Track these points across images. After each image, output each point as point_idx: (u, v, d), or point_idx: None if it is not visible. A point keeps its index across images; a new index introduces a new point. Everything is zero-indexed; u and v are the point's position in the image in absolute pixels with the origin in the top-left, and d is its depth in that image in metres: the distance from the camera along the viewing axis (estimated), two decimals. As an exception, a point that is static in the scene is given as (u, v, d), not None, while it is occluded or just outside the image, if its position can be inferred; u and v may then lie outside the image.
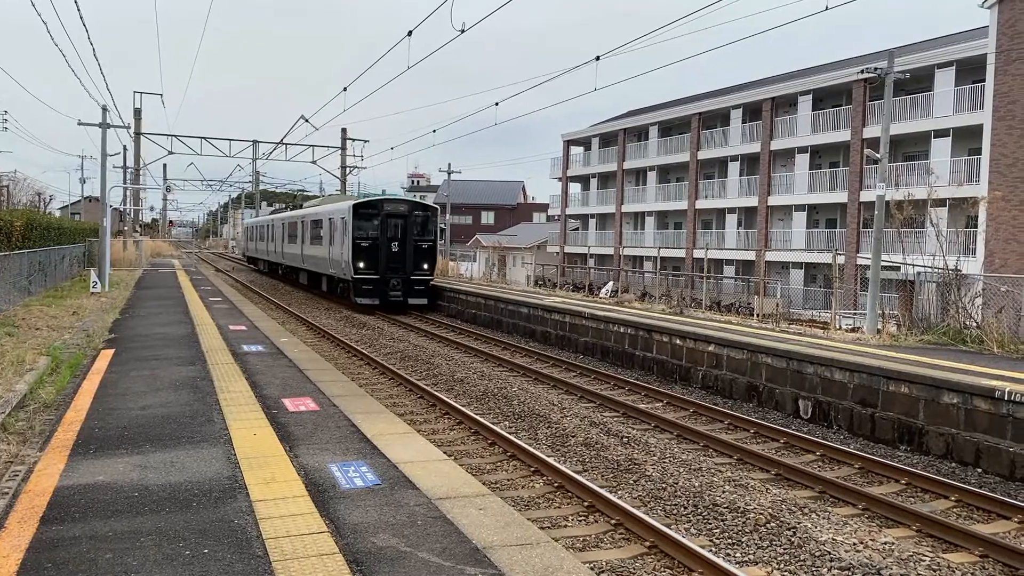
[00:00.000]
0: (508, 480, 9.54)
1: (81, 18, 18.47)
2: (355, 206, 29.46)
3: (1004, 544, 7.61)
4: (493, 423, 12.18)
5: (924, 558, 7.40)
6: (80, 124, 33.32)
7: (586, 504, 8.57)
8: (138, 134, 47.66)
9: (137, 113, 47.83)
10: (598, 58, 20.28)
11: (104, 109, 31.66)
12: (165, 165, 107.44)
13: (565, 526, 8.05)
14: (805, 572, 7.06)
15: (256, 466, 6.98)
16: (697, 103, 53.72)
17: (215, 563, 4.92)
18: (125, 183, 52.06)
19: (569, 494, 8.94)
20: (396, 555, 5.11)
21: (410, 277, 29.63)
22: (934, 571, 7.16)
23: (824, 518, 8.38)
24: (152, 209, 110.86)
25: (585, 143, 65.39)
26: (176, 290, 28.14)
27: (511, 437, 11.05)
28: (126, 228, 54.89)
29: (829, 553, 7.40)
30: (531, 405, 13.63)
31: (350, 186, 53.16)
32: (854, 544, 7.67)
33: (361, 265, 28.89)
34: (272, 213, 57.24)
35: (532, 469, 9.83)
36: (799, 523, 8.15)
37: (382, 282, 29.13)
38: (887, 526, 8.30)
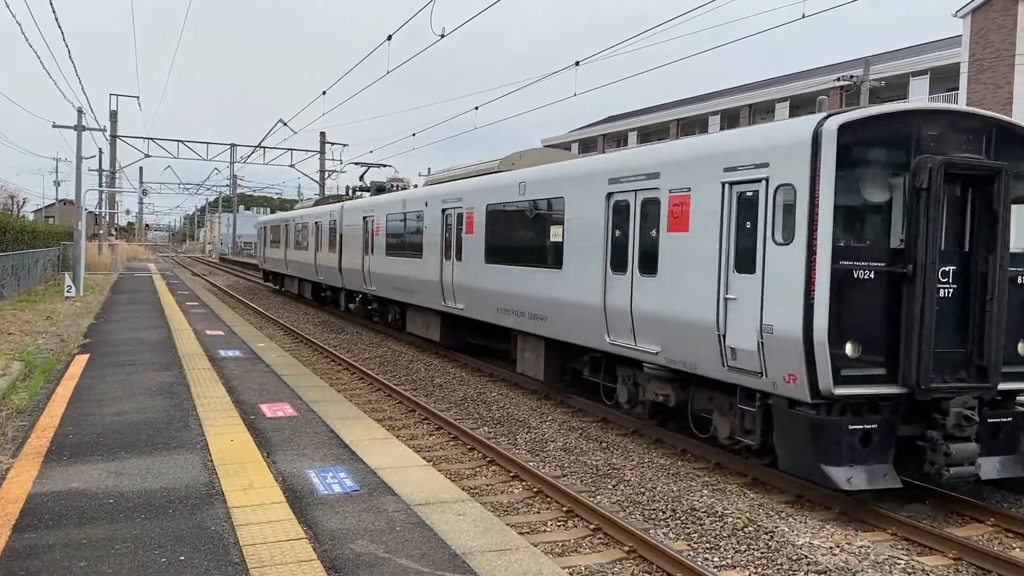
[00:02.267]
0: (487, 485, 9.53)
1: (56, 19, 18.30)
2: (842, 127, 8.49)
3: (977, 547, 7.70)
4: (472, 428, 12.17)
5: (899, 561, 7.48)
6: (55, 126, 33.02)
7: (565, 509, 8.58)
8: (114, 137, 47.24)
9: (113, 116, 47.43)
10: (577, 63, 20.37)
11: (80, 111, 31.37)
12: (141, 168, 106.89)
13: (544, 531, 8.05)
14: (782, 576, 7.11)
15: (233, 472, 6.93)
16: (675, 109, 54.11)
17: (192, 570, 4.88)
18: (101, 186, 51.55)
19: (548, 499, 8.95)
20: (374, 561, 5.10)
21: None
22: (909, 574, 7.23)
23: (801, 522, 8.44)
24: (128, 212, 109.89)
25: (565, 148, 65.63)
26: (152, 294, 27.88)
27: (490, 443, 11.05)
28: (101, 232, 54.33)
29: (806, 557, 7.46)
30: (510, 411, 13.62)
31: (328, 190, 52.82)
32: (830, 548, 7.73)
33: (849, 351, 8.50)
34: (317, 204, 32.69)
35: (511, 474, 9.83)
36: (776, 527, 8.21)
37: (920, 412, 8.80)
38: (863, 530, 8.37)
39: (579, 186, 12.89)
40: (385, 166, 33.07)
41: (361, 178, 31.90)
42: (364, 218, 23.67)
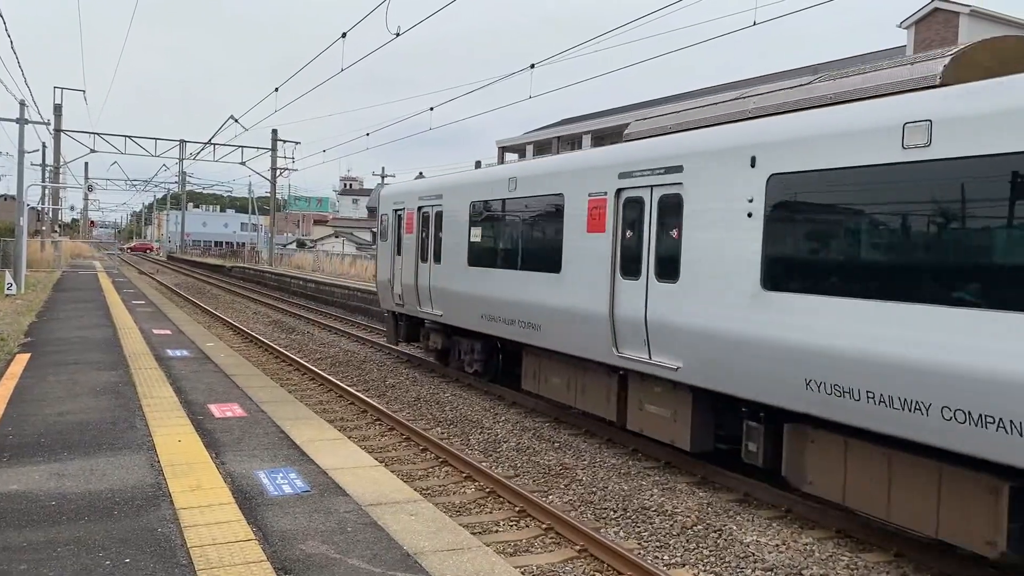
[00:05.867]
0: (440, 486, 9.51)
1: (-1, 9, 17.78)
2: None
3: (917, 542, 7.90)
4: (425, 429, 12.14)
5: (843, 558, 7.65)
6: (-4, 119, 32.05)
7: (517, 509, 8.61)
8: (58, 131, 46.13)
9: (57, 109, 46.29)
10: (533, 66, 20.42)
11: (22, 104, 30.55)
12: (87, 164, 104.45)
13: (496, 531, 8.07)
14: (730, 573, 7.23)
15: (181, 473, 6.82)
16: (629, 113, 54.57)
17: (137, 572, 4.79)
18: (44, 182, 50.24)
19: (501, 499, 8.97)
20: (325, 562, 5.06)
21: None
22: (852, 571, 7.41)
23: (748, 520, 8.59)
24: (72, 209, 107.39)
25: (520, 150, 65.70)
26: (97, 292, 27.25)
27: (443, 443, 11.03)
28: (44, 228, 52.96)
29: (754, 554, 7.59)
30: (463, 411, 13.61)
31: (280, 189, 52.15)
32: (777, 545, 7.88)
33: None
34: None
35: (464, 475, 9.83)
36: (725, 525, 8.34)
37: None
38: (807, 527, 8.55)
39: None
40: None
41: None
42: None
